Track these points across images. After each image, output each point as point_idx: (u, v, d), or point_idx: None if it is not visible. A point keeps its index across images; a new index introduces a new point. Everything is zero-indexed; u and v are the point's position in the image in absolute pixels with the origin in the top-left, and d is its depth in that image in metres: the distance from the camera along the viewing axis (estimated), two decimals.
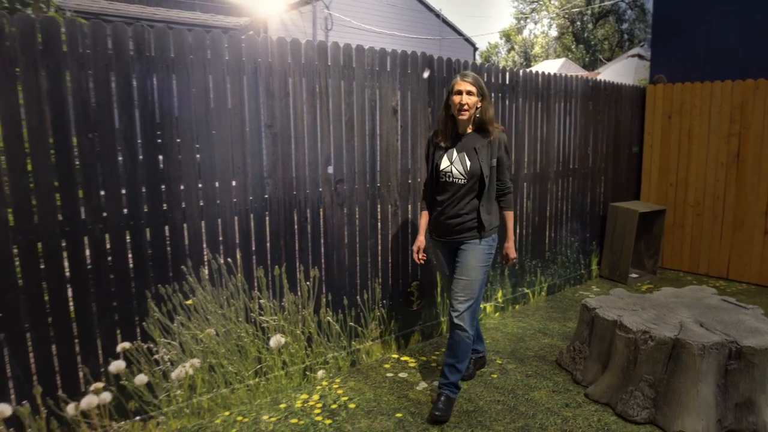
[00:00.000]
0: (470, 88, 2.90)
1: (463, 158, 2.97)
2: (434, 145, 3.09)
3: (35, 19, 2.39)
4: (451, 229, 3.03)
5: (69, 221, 2.55)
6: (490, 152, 2.97)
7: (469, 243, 3.01)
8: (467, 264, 2.99)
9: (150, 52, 2.70)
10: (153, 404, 2.85)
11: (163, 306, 2.85)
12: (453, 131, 3.02)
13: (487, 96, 2.97)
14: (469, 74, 2.95)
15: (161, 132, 2.79)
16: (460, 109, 2.92)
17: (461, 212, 2.99)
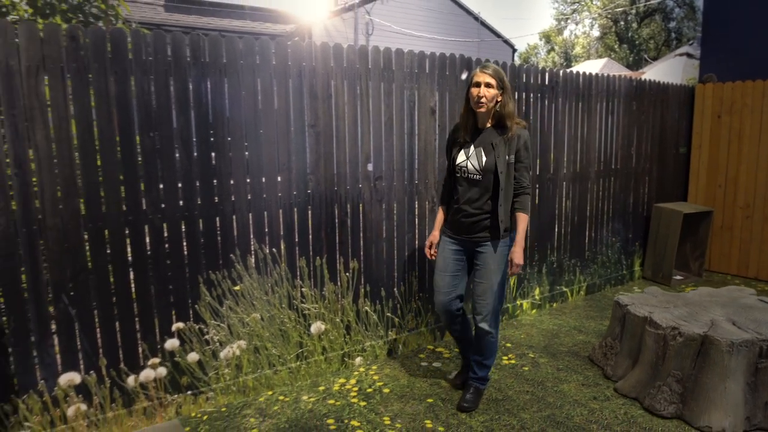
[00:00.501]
0: (489, 80, 2.80)
1: (480, 153, 2.89)
2: (453, 140, 3.04)
3: (105, 31, 2.68)
4: (466, 227, 2.97)
5: (132, 211, 2.84)
6: (508, 148, 2.86)
7: (486, 245, 2.94)
8: (487, 268, 2.94)
9: (205, 59, 2.96)
10: (203, 380, 3.12)
11: (213, 290, 3.11)
12: (473, 126, 2.94)
13: (507, 89, 2.86)
14: (489, 66, 2.86)
15: (214, 131, 3.04)
16: (478, 101, 2.82)
17: (476, 210, 2.92)
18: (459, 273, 3.06)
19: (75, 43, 2.61)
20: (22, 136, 2.54)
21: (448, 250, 3.05)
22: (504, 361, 3.75)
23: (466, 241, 3.00)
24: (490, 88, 2.80)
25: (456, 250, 3.03)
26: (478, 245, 2.96)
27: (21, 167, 2.55)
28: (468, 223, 2.95)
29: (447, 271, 3.05)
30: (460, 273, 3.06)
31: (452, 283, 3.05)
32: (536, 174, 4.55)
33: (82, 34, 2.63)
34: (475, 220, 2.93)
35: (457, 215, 3.00)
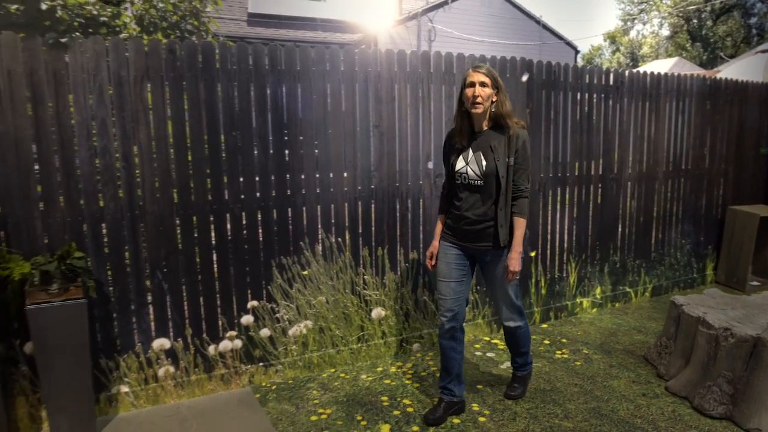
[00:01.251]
0: (483, 79, 2.70)
1: (479, 158, 2.78)
2: (450, 146, 2.93)
3: (197, 44, 3.10)
4: (470, 235, 2.87)
5: (216, 201, 3.25)
6: (507, 149, 2.77)
7: (492, 253, 2.87)
8: (497, 276, 2.91)
9: (281, 66, 3.32)
10: (273, 354, 3.49)
11: (284, 274, 3.47)
12: (468, 129, 2.84)
13: (502, 88, 2.78)
14: (482, 65, 2.76)
15: (288, 131, 3.40)
16: (474, 102, 2.72)
17: (480, 218, 2.82)
18: (463, 279, 2.97)
19: (173, 55, 3.04)
20: (129, 135, 3.00)
21: (450, 256, 2.94)
22: (557, 355, 3.87)
23: (470, 248, 2.91)
24: (485, 87, 2.71)
25: (458, 255, 2.94)
26: (483, 253, 2.89)
27: (127, 161, 3.01)
28: (471, 231, 2.85)
29: (451, 278, 2.95)
30: (465, 279, 2.98)
31: (457, 290, 2.95)
32: (599, 173, 4.60)
33: (179, 47, 3.05)
34: (479, 228, 2.83)
35: (459, 222, 2.89)
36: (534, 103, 4.19)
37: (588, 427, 2.95)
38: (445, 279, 2.96)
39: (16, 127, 2.77)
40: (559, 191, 4.43)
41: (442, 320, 2.96)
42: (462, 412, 3.10)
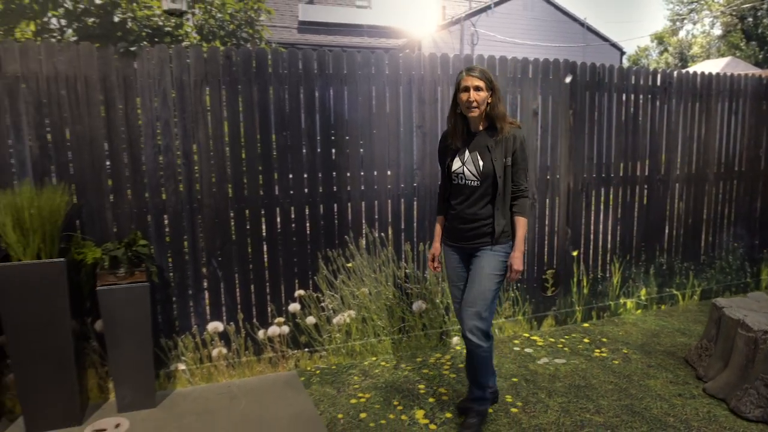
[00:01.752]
0: (478, 83, 2.67)
1: (476, 158, 2.75)
2: (445, 147, 2.90)
3: (252, 50, 3.34)
4: (465, 234, 2.83)
5: (267, 196, 3.49)
6: (504, 150, 2.73)
7: (483, 250, 2.79)
8: (479, 272, 2.78)
9: (329, 70, 3.53)
10: (318, 341, 3.70)
11: (329, 265, 3.68)
12: (464, 130, 2.82)
13: (497, 90, 2.74)
14: (475, 68, 2.73)
15: (335, 131, 3.60)
16: (469, 106, 2.69)
17: (476, 217, 2.78)
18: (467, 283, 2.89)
19: (229, 61, 3.30)
20: (189, 134, 3.28)
21: (453, 260, 2.93)
22: (595, 353, 3.91)
23: (465, 248, 2.86)
24: (480, 91, 2.68)
25: (459, 258, 2.91)
26: (476, 251, 2.82)
27: (187, 158, 3.29)
28: (467, 230, 2.82)
29: (459, 281, 2.94)
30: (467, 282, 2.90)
31: None
32: (645, 174, 4.59)
33: (235, 54, 3.31)
34: (474, 226, 2.80)
35: (455, 222, 2.87)
36: (577, 104, 4.23)
37: (618, 423, 3.00)
38: (452, 283, 2.97)
39: (91, 127, 3.09)
40: (602, 191, 4.44)
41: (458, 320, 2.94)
42: (496, 401, 3.19)
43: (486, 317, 2.77)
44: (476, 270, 2.80)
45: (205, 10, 3.13)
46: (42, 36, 2.99)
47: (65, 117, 3.05)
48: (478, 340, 2.77)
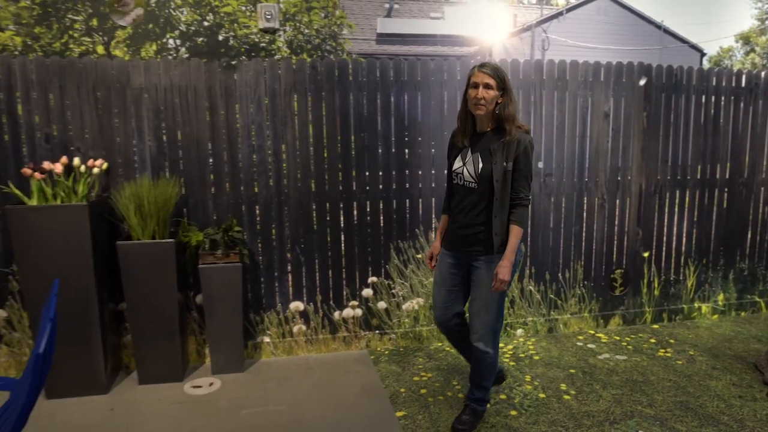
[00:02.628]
0: (488, 80, 2.58)
1: (477, 159, 2.68)
2: (452, 145, 2.84)
3: (334, 61, 3.74)
4: (461, 240, 2.77)
5: (345, 191, 3.88)
6: (506, 154, 2.62)
7: (482, 260, 2.71)
8: (482, 285, 2.71)
9: (404, 77, 3.85)
10: (388, 324, 4.05)
11: (400, 255, 4.01)
12: (472, 129, 2.74)
13: (509, 90, 2.64)
14: (488, 65, 2.64)
15: (408, 133, 3.93)
16: (476, 103, 2.61)
17: (472, 222, 2.71)
18: (456, 288, 2.86)
19: (315, 71, 3.72)
20: (279, 135, 3.73)
21: (445, 264, 2.86)
22: (659, 353, 3.95)
23: (462, 254, 2.79)
24: (490, 89, 2.59)
25: (452, 264, 2.83)
26: (474, 260, 2.74)
27: (277, 156, 3.75)
28: (463, 235, 2.75)
29: (444, 285, 2.87)
30: (458, 288, 2.86)
31: (449, 298, 2.87)
32: (725, 177, 4.51)
33: (319, 64, 3.72)
34: (470, 232, 2.73)
35: (452, 226, 2.82)
36: (652, 106, 4.26)
37: (669, 416, 3.09)
38: (438, 285, 2.91)
39: (198, 130, 3.62)
40: (677, 193, 4.43)
41: (436, 325, 2.99)
42: (503, 380, 3.27)
43: (493, 324, 2.75)
44: (478, 283, 2.73)
45: (294, 27, 3.56)
46: (161, 54, 3.55)
47: (177, 121, 3.60)
48: (484, 347, 2.77)
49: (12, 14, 3.30)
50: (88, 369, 3.35)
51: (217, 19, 3.46)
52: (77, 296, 3.24)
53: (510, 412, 3.13)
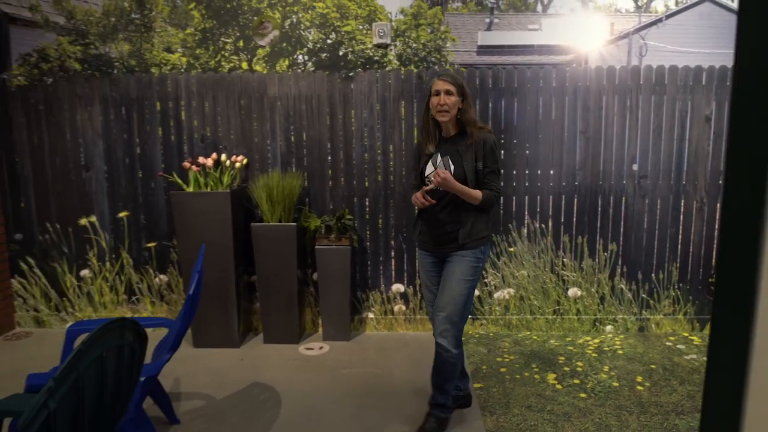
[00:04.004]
0: (449, 87, 2.73)
1: (447, 162, 2.80)
2: (420, 152, 2.95)
3: (436, 71, 4.20)
4: (438, 239, 2.86)
5: None
6: (474, 154, 2.77)
7: (455, 255, 2.81)
8: (450, 277, 2.80)
9: (501, 84, 4.21)
10: (480, 311, 4.42)
11: (494, 248, 4.37)
12: (436, 135, 2.88)
13: (468, 95, 2.80)
14: (447, 73, 2.83)
15: (504, 135, 4.27)
16: (440, 110, 2.76)
17: (448, 221, 2.81)
18: None
19: (420, 80, 4.20)
20: (387, 137, 4.27)
21: (426, 264, 2.98)
22: None
23: (440, 253, 2.89)
24: (451, 95, 2.74)
25: (433, 262, 2.94)
26: (448, 255, 2.85)
27: (385, 155, 4.29)
28: (439, 234, 2.85)
29: (432, 284, 2.98)
30: None
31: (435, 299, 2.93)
32: None
33: (425, 74, 4.20)
34: (446, 230, 2.82)
35: (427, 227, 2.90)
36: None
37: None
38: (427, 287, 3.01)
39: (319, 132, 4.26)
40: None
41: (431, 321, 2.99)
42: (468, 405, 3.20)
43: (457, 321, 2.79)
44: (447, 275, 2.82)
45: (404, 42, 4.06)
46: (292, 68, 4.23)
47: (303, 124, 4.27)
48: (447, 345, 2.79)
49: (180, 39, 4.15)
50: (225, 327, 4.11)
51: (338, 37, 4.07)
52: (219, 268, 4.01)
53: (580, 394, 3.39)
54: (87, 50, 4.21)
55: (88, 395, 1.60)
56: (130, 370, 1.81)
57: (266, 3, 4.11)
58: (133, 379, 1.88)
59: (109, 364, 1.67)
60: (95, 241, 4.45)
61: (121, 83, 4.27)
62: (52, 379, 1.47)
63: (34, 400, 1.43)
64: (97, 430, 1.70)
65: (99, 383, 1.64)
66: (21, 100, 4.30)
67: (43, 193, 4.42)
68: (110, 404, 1.74)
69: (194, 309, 2.73)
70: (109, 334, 1.66)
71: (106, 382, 1.67)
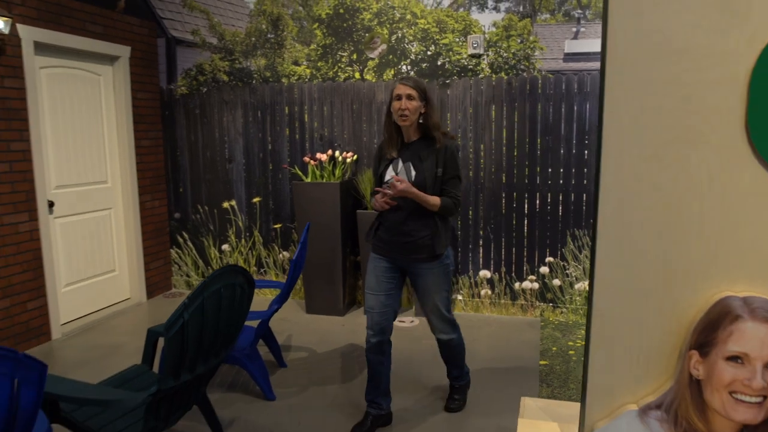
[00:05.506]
0: (410, 92, 2.68)
1: (409, 168, 2.77)
2: (381, 156, 2.92)
3: (527, 78, 4.61)
4: (399, 247, 2.81)
5: (530, 183, 4.71)
6: (436, 161, 2.74)
7: (421, 266, 2.82)
8: (428, 289, 2.87)
9: (587, 89, 4.52)
10: (561, 300, 4.76)
11: (575, 242, 4.69)
12: (398, 140, 2.84)
13: (431, 100, 2.77)
14: (409, 78, 2.77)
15: (588, 136, 4.58)
16: (401, 114, 2.70)
17: (410, 229, 2.76)
18: (392, 292, 2.91)
19: (510, 86, 4.64)
20: (479, 137, 4.76)
21: (379, 269, 2.89)
22: None
23: (400, 260, 2.86)
24: (412, 100, 2.69)
25: (387, 267, 2.88)
26: (412, 265, 2.84)
27: (476, 154, 4.78)
28: (401, 243, 2.80)
29: (380, 291, 2.88)
30: (394, 292, 2.91)
31: (386, 303, 2.89)
32: None
33: (514, 80, 4.63)
34: (408, 240, 2.78)
35: (387, 233, 2.84)
36: None
37: None
38: (373, 292, 2.90)
39: None
40: None
41: (369, 334, 2.90)
42: (389, 423, 3.07)
43: (448, 315, 2.96)
44: (424, 288, 2.89)
45: (495, 52, 4.53)
46: (396, 77, 4.88)
47: None
48: (448, 336, 3.01)
49: (305, 54, 4.95)
50: (332, 298, 4.85)
51: (437, 49, 4.64)
52: (328, 247, 4.75)
53: None
54: (233, 65, 5.17)
55: (208, 317, 2.29)
56: (240, 305, 2.51)
57: (376, 21, 4.78)
58: (243, 312, 2.57)
59: (225, 296, 2.37)
60: (234, 221, 5.41)
61: (258, 91, 5.17)
62: (187, 298, 2.19)
63: (175, 311, 2.16)
64: (214, 345, 2.42)
65: (217, 308, 2.34)
66: (183, 105, 5.37)
67: (196, 181, 5.47)
68: (224, 329, 2.45)
69: (297, 272, 3.47)
70: (225, 275, 2.36)
71: (222, 309, 2.38)
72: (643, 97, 1.17)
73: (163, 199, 5.50)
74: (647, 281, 1.20)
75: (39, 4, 4.11)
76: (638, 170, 1.19)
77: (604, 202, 1.25)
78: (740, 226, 1.14)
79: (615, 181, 1.23)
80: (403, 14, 4.71)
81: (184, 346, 2.18)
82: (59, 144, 4.45)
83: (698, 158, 1.14)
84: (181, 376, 2.24)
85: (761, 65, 1.09)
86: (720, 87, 1.12)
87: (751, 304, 1.14)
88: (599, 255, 1.26)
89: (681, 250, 1.17)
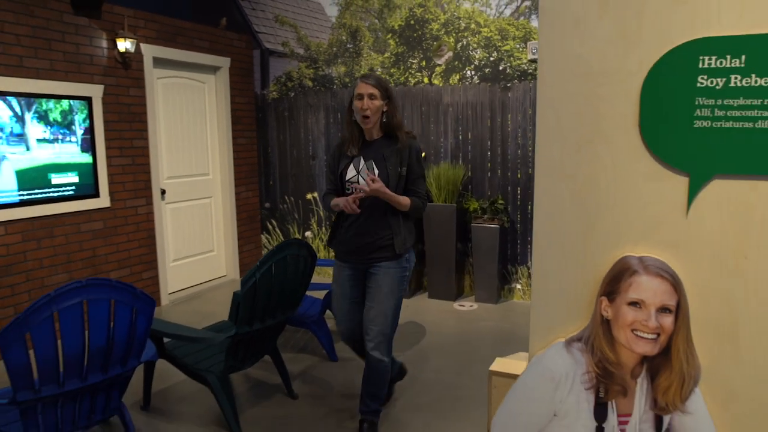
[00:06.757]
0: (372, 91, 2.62)
1: (371, 166, 2.69)
2: (340, 153, 2.82)
3: None
4: (358, 248, 2.74)
5: None
6: (399, 159, 2.68)
7: (380, 266, 2.72)
8: (379, 291, 2.72)
9: None
10: None
11: None
12: (360, 138, 2.76)
13: (393, 99, 2.71)
14: (371, 76, 2.69)
15: None
16: (363, 115, 2.64)
17: (371, 229, 2.70)
18: (358, 299, 2.86)
19: None
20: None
21: (343, 276, 2.86)
22: None
23: (358, 262, 2.79)
24: (374, 99, 2.63)
25: (350, 275, 2.84)
26: (370, 266, 2.75)
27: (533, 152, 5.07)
28: (361, 243, 2.73)
29: (345, 298, 2.87)
30: (359, 298, 2.86)
31: (353, 310, 2.87)
32: None
33: None
34: (370, 239, 2.71)
35: (347, 234, 2.78)
36: None
37: None
38: (339, 298, 2.91)
39: (481, 132, 5.24)
40: None
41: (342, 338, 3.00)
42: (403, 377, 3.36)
43: (388, 333, 2.77)
44: (375, 288, 2.74)
45: None
46: (461, 81, 5.26)
47: (469, 126, 5.28)
48: (380, 356, 2.76)
49: (380, 61, 5.48)
50: None
51: (499, 55, 5.00)
52: None
53: None
54: (317, 72, 5.81)
55: (275, 280, 2.83)
56: (303, 272, 3.06)
57: (443, 31, 5.21)
58: (306, 278, 3.10)
59: (290, 263, 2.92)
60: (315, 211, 6.06)
61: (338, 95, 5.77)
62: (259, 261, 2.76)
63: (249, 271, 2.74)
64: (281, 303, 2.97)
65: (283, 272, 2.88)
66: (273, 108, 6.09)
67: (284, 175, 6.17)
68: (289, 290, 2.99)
69: None
70: (290, 246, 2.91)
71: (288, 273, 2.92)
72: (566, 106, 1.57)
73: (256, 190, 6.26)
74: (572, 245, 1.59)
75: (158, 26, 4.94)
76: (563, 161, 1.59)
77: (539, 185, 1.65)
78: (638, 201, 1.51)
79: (546, 169, 1.62)
80: (468, 24, 5.10)
81: (255, 300, 2.77)
82: (171, 142, 5.29)
83: (606, 151, 1.52)
84: (254, 324, 2.83)
85: (649, 82, 1.45)
86: (621, 98, 1.49)
87: (645, 262, 1.50)
88: (536, 226, 1.66)
89: (595, 220, 1.55)
